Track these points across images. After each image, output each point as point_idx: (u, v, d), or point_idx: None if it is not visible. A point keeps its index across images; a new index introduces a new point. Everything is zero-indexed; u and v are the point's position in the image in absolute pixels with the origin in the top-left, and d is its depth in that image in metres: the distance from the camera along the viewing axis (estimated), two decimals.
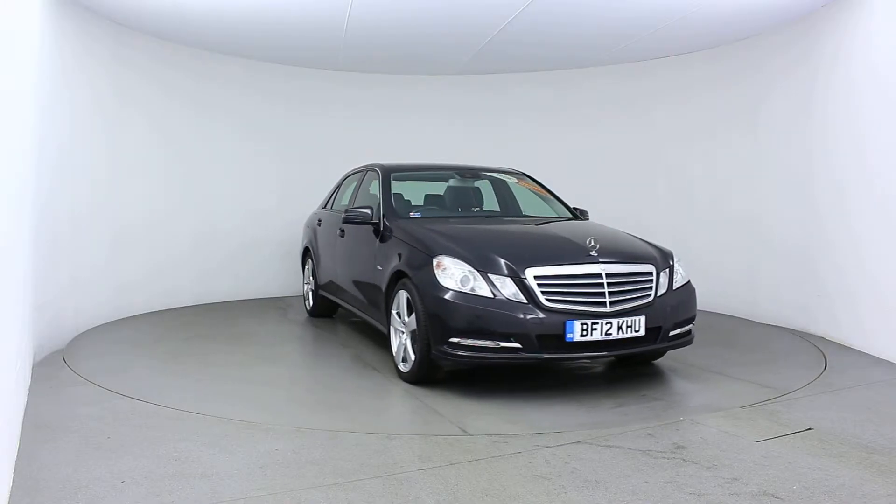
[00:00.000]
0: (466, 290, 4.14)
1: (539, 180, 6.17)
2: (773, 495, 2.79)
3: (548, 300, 4.10)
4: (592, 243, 4.33)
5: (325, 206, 7.02)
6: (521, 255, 4.32)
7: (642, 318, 4.22)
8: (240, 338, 5.95)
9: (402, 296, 4.55)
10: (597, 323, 4.10)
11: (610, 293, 4.19)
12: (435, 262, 4.31)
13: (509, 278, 4.15)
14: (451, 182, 6.04)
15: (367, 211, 5.26)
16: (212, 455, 3.21)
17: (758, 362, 5.15)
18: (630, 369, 4.94)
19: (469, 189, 6.04)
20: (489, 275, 4.17)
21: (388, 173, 5.71)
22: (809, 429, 3.61)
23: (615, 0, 5.83)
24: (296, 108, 8.36)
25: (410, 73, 8.63)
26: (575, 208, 5.82)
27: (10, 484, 2.84)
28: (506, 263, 4.21)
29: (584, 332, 4.08)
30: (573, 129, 8.46)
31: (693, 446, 3.34)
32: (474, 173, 6.10)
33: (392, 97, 8.69)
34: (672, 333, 4.43)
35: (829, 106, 5.89)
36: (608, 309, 4.15)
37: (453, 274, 4.20)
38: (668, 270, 4.59)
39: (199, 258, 7.59)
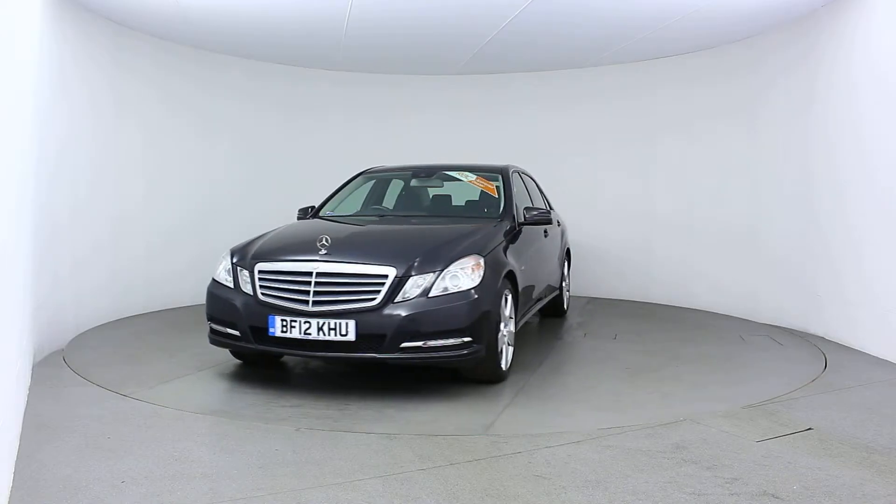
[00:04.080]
0: (229, 281, 4.48)
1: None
2: (773, 495, 2.79)
3: (262, 294, 4.26)
4: (324, 241, 4.28)
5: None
6: (272, 250, 4.50)
7: (352, 323, 3.99)
8: None
9: None
10: (296, 321, 4.08)
11: (316, 292, 4.09)
12: (224, 254, 4.71)
13: (247, 271, 4.39)
14: (412, 182, 6.08)
15: (311, 208, 5.54)
16: (212, 455, 3.21)
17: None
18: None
19: (416, 190, 6.04)
20: (238, 268, 4.47)
21: (360, 173, 5.97)
22: (809, 429, 3.62)
23: (615, 0, 5.83)
24: (295, 107, 8.35)
25: (410, 73, 8.63)
26: (528, 208, 5.35)
27: (10, 484, 2.84)
28: (248, 258, 4.45)
29: (284, 329, 4.11)
30: (573, 128, 8.46)
31: (693, 446, 3.34)
32: (430, 173, 6.03)
33: (392, 97, 8.69)
34: (408, 345, 4.00)
35: (829, 106, 5.89)
36: (309, 308, 4.09)
37: (225, 266, 4.59)
38: (430, 275, 4.13)
39: (199, 257, 7.56)
